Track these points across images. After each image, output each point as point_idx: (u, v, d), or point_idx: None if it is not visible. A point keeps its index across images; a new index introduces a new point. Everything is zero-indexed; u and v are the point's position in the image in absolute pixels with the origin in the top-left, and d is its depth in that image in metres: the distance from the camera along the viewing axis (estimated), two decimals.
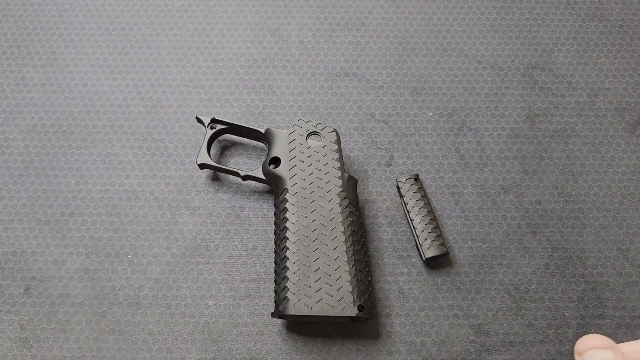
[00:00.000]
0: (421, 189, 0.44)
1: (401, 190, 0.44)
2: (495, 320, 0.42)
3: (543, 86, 0.49)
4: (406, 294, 0.42)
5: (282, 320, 0.42)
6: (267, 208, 0.45)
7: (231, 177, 0.46)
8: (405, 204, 0.43)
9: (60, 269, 0.43)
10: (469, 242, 0.44)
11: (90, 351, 0.41)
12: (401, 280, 0.43)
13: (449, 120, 0.48)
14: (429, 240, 0.42)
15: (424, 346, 0.41)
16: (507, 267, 0.43)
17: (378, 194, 0.45)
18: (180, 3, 0.52)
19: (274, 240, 0.42)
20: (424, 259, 0.42)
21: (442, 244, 0.42)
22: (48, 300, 0.42)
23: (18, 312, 0.42)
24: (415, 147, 0.47)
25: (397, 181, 0.44)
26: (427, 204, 0.43)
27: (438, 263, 0.43)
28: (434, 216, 0.43)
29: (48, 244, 0.44)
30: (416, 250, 0.44)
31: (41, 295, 0.42)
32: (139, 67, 0.49)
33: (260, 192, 0.45)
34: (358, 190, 0.45)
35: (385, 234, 0.44)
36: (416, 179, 0.44)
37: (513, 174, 0.46)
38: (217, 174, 0.46)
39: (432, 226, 0.42)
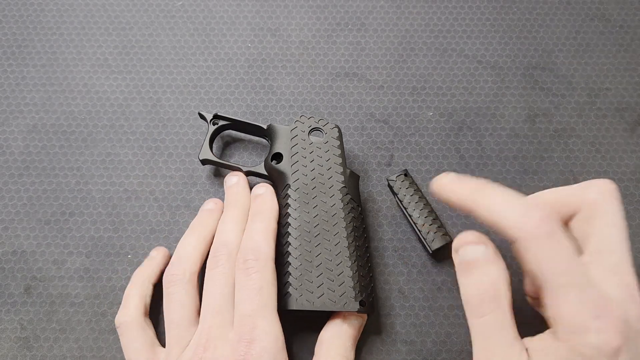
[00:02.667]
0: (413, 183, 0.43)
1: (393, 188, 0.44)
2: None
3: (543, 86, 0.49)
4: (406, 294, 0.42)
5: (283, 318, 0.42)
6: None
7: None
8: (400, 201, 0.43)
9: (60, 268, 0.43)
10: None
11: (90, 351, 0.41)
12: (401, 280, 0.43)
13: (449, 120, 0.48)
14: (432, 233, 0.42)
15: (424, 346, 0.41)
16: (507, 267, 0.43)
17: (378, 194, 0.45)
18: (180, 3, 0.52)
19: None
20: (431, 252, 0.42)
21: (446, 234, 0.42)
22: (48, 300, 0.42)
23: (18, 312, 0.42)
24: (415, 147, 0.47)
25: (387, 180, 0.44)
26: (422, 197, 0.43)
27: (443, 255, 0.43)
28: (431, 208, 0.43)
29: (48, 243, 0.44)
30: (416, 250, 0.43)
31: (41, 295, 0.42)
32: (139, 67, 0.49)
33: None
34: None
35: (385, 233, 0.44)
36: (406, 174, 0.44)
37: (513, 174, 0.46)
38: (217, 172, 0.46)
39: (432, 218, 0.42)
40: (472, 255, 0.32)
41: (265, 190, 0.41)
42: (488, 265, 0.32)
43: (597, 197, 0.31)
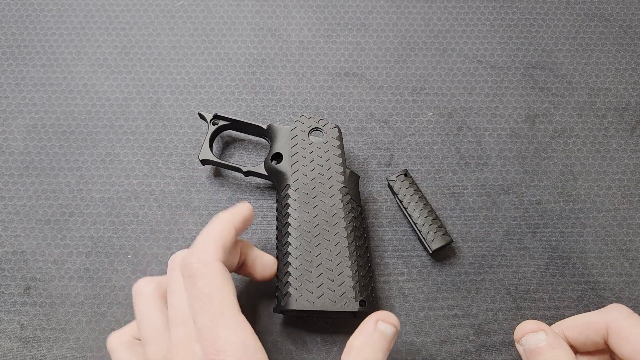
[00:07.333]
0: (413, 183, 0.44)
1: (393, 189, 0.44)
2: (495, 320, 0.42)
3: (543, 86, 0.49)
4: (406, 294, 0.42)
5: (283, 318, 0.42)
6: (267, 207, 0.45)
7: (231, 175, 0.46)
8: (400, 201, 0.43)
9: (60, 268, 0.43)
10: (469, 242, 0.44)
11: (90, 351, 0.41)
12: (401, 280, 0.43)
13: (449, 120, 0.48)
14: (431, 233, 0.42)
15: (424, 346, 0.41)
16: (507, 267, 0.43)
17: (378, 194, 0.45)
18: (180, 3, 0.52)
19: (275, 236, 0.42)
20: (431, 252, 0.42)
21: (445, 234, 0.42)
22: (48, 300, 0.42)
23: (18, 312, 0.42)
24: (415, 147, 0.47)
25: (387, 180, 0.44)
26: (422, 197, 0.43)
27: (443, 255, 0.43)
28: (431, 208, 0.43)
29: (48, 244, 0.44)
30: (416, 250, 0.44)
31: (41, 295, 0.42)
32: (139, 67, 0.49)
33: (261, 192, 0.45)
34: None
35: (385, 233, 0.44)
36: (406, 174, 0.44)
37: (513, 174, 0.46)
38: (217, 172, 0.46)
39: (432, 218, 0.42)
40: (535, 343, 0.33)
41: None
42: (553, 351, 0.32)
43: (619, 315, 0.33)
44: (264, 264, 0.40)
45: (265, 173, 0.43)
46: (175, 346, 0.32)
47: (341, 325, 0.42)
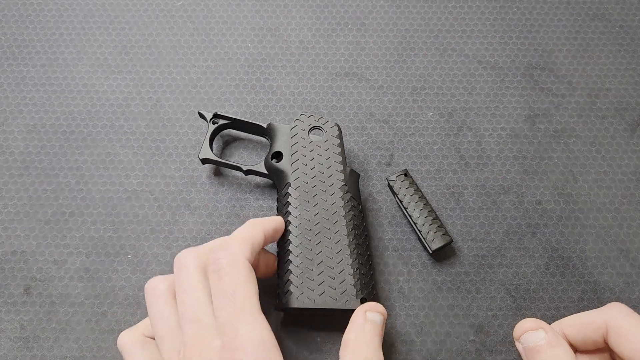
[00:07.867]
0: (413, 183, 0.44)
1: (393, 188, 0.44)
2: (495, 320, 0.42)
3: (543, 86, 0.49)
4: (406, 293, 0.42)
5: (283, 316, 0.42)
6: (267, 208, 0.45)
7: (231, 175, 0.46)
8: (400, 201, 0.43)
9: (60, 268, 0.43)
10: (469, 242, 0.44)
11: (90, 351, 0.41)
12: (401, 280, 0.43)
13: (449, 120, 0.48)
14: (431, 233, 0.42)
15: (424, 346, 0.41)
16: (507, 267, 0.43)
17: (378, 194, 0.45)
18: (180, 3, 0.52)
19: None
20: (431, 252, 0.42)
21: (445, 234, 0.42)
22: (48, 300, 0.42)
23: (18, 312, 0.42)
24: (415, 147, 0.47)
25: (387, 180, 0.44)
26: (422, 197, 0.43)
27: (443, 255, 0.43)
28: (431, 208, 0.43)
29: (48, 244, 0.44)
30: (416, 250, 0.44)
31: (41, 295, 0.42)
32: (139, 67, 0.49)
33: (261, 191, 0.45)
34: None
35: (385, 233, 0.44)
36: (406, 174, 0.44)
37: (513, 174, 0.46)
38: (218, 171, 0.46)
39: (432, 217, 0.42)
40: (534, 341, 0.33)
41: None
42: (552, 349, 0.32)
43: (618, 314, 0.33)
44: (267, 262, 0.40)
45: (266, 172, 0.43)
46: (189, 343, 0.32)
47: (342, 323, 0.42)
